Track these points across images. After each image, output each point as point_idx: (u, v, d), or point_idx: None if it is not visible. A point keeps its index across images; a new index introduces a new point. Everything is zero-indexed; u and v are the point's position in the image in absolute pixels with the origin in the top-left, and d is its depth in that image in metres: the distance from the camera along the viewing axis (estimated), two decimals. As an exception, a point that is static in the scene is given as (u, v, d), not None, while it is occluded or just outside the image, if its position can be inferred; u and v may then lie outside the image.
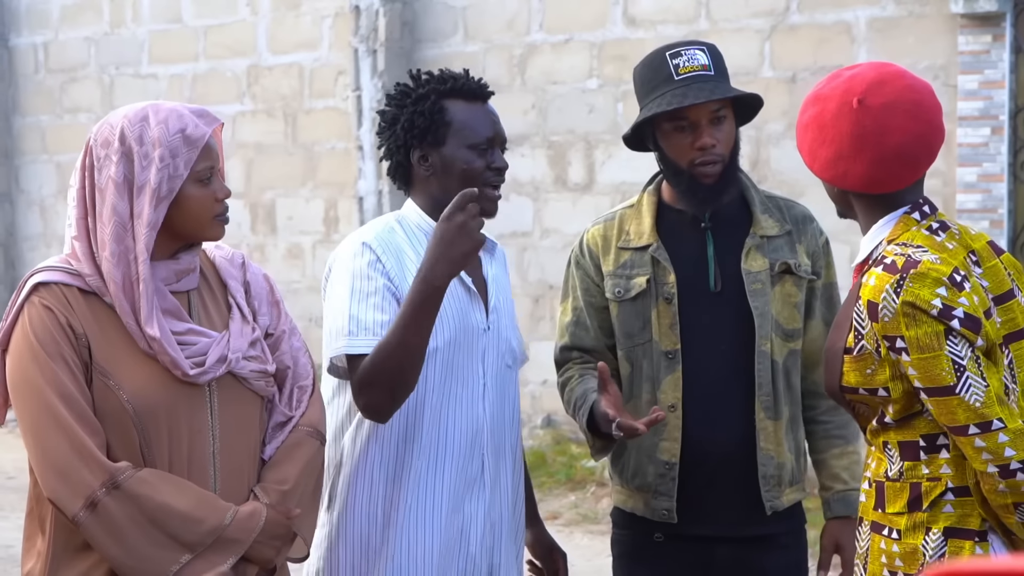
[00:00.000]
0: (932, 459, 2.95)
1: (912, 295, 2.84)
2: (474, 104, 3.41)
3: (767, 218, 3.65)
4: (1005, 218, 8.44)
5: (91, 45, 12.28)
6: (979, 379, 2.84)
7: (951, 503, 2.93)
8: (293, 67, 11.21)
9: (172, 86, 11.83)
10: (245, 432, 3.03)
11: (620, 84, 9.62)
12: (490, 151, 3.38)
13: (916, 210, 2.98)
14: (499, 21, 10.21)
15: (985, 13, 8.29)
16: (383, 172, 10.56)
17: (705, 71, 3.52)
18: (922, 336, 2.85)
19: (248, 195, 11.56)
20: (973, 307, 2.86)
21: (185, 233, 2.96)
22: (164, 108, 2.93)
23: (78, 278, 2.90)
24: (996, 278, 2.99)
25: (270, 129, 11.38)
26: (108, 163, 2.89)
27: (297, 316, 12.08)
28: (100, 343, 2.87)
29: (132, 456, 2.86)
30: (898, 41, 8.65)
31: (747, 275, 3.60)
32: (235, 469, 2.98)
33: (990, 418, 2.83)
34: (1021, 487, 2.84)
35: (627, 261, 3.65)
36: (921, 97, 2.97)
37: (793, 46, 9.00)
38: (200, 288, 3.05)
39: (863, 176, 2.94)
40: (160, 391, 2.89)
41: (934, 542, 2.94)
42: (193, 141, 2.90)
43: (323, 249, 11.20)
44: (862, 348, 2.95)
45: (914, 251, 2.90)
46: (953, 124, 8.49)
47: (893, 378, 2.92)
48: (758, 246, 3.62)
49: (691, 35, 9.35)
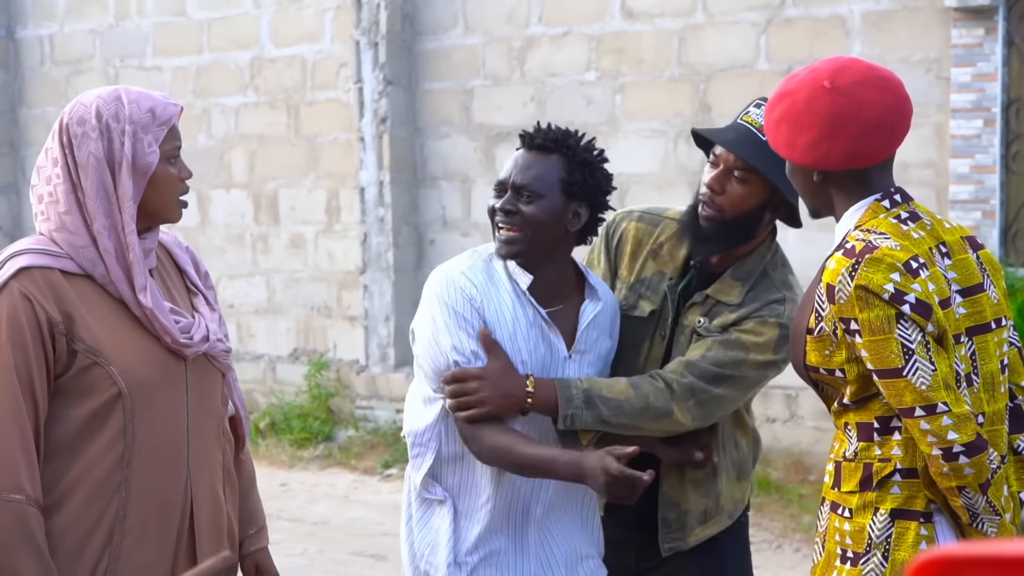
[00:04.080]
0: (885, 440, 3.01)
1: (866, 279, 2.91)
2: (521, 151, 3.49)
3: (735, 286, 3.60)
4: (997, 209, 8.44)
5: (96, 37, 12.26)
6: (927, 363, 2.90)
7: (899, 484, 3.01)
8: (296, 59, 11.20)
9: (176, 78, 11.83)
10: (213, 408, 3.16)
11: (617, 76, 9.62)
12: (503, 193, 3.46)
13: (887, 198, 3.04)
14: (499, 14, 10.20)
15: (978, 7, 8.29)
16: (384, 163, 10.57)
17: (760, 133, 3.48)
18: (874, 319, 2.91)
19: (251, 185, 11.56)
20: (926, 294, 2.91)
21: (151, 211, 3.04)
22: (133, 90, 3.04)
23: (60, 259, 2.95)
24: (965, 271, 3.05)
25: (273, 120, 11.38)
26: (87, 140, 2.98)
27: (299, 305, 12.13)
28: (87, 322, 2.93)
29: (113, 435, 2.91)
30: (892, 34, 8.65)
31: (679, 327, 3.64)
32: (205, 445, 3.10)
33: (935, 401, 2.89)
34: (963, 470, 2.90)
35: (646, 280, 3.69)
36: (884, 73, 3.07)
37: (788, 39, 9.00)
38: (159, 268, 3.15)
39: (846, 152, 3.00)
40: (149, 364, 2.98)
41: (880, 522, 3.01)
42: (163, 121, 3.01)
43: (325, 239, 11.21)
44: (821, 329, 3.02)
45: (875, 237, 2.96)
46: (946, 116, 8.50)
47: (849, 360, 2.98)
48: (701, 304, 3.62)
49: (688, 29, 9.36)
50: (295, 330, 11.47)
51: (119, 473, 2.94)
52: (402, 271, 10.68)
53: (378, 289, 10.70)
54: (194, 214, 11.81)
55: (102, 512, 2.93)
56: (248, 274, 11.47)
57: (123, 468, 2.94)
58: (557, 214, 3.41)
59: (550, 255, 3.47)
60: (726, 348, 3.51)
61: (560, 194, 3.41)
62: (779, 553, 7.87)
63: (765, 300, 3.57)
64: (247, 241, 11.67)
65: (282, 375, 11.42)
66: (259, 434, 10.95)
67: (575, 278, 3.58)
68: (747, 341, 3.51)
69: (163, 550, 3.01)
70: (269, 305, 11.48)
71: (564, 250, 3.51)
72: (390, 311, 10.68)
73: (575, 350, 3.49)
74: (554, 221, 3.42)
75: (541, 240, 3.43)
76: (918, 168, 8.50)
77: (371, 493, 9.56)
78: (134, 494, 2.95)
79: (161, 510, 3.00)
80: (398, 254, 10.62)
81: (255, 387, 11.34)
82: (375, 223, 10.67)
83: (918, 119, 8.34)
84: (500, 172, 3.48)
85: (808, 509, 8.31)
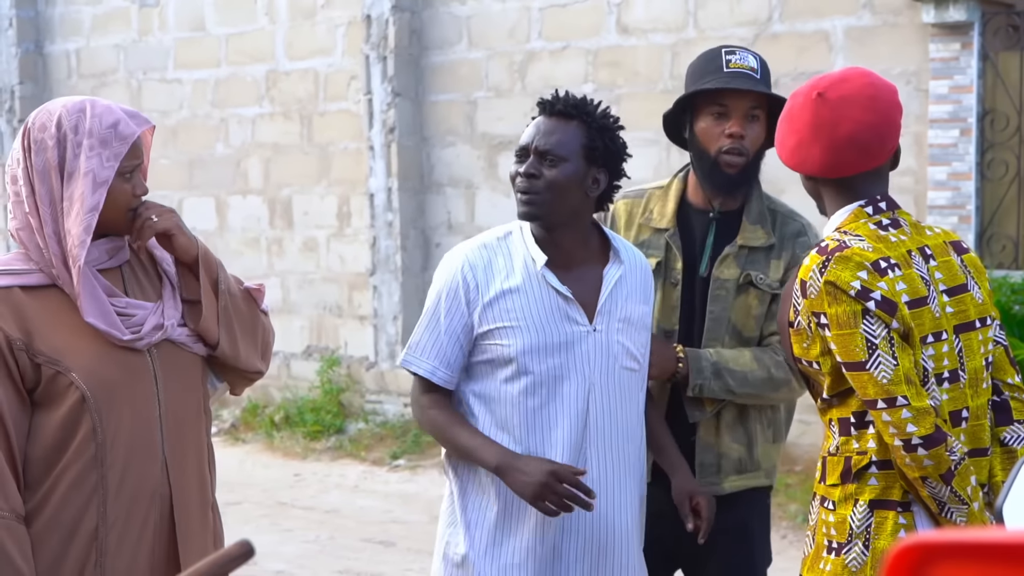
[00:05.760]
0: (861, 434, 3.01)
1: (834, 275, 2.91)
2: (541, 118, 3.39)
3: (756, 229, 3.67)
4: (973, 214, 8.44)
5: (120, 52, 12.26)
6: (889, 358, 2.90)
7: (875, 475, 3.00)
8: (309, 72, 11.19)
9: (196, 90, 11.82)
10: (189, 392, 3.06)
11: (613, 88, 9.61)
12: (525, 159, 3.35)
13: (871, 204, 3.03)
14: (501, 30, 10.20)
15: (955, 23, 8.28)
16: (392, 170, 10.58)
17: (753, 72, 3.59)
18: (840, 314, 2.91)
19: (267, 192, 11.55)
20: (892, 292, 2.92)
21: (102, 221, 2.92)
22: (100, 104, 2.95)
23: (22, 276, 2.90)
24: (950, 272, 3.05)
25: (287, 130, 11.37)
26: (44, 147, 2.89)
27: (312, 305, 12.16)
28: (46, 334, 2.88)
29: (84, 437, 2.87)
30: (873, 49, 8.64)
31: (714, 281, 3.65)
32: (181, 429, 3.02)
33: (895, 395, 2.89)
34: (922, 462, 2.90)
35: (645, 240, 3.70)
36: (878, 93, 3.02)
37: (775, 53, 8.99)
38: (131, 261, 3.06)
39: (820, 162, 2.99)
40: (107, 364, 2.90)
41: (860, 513, 3.01)
42: (124, 137, 2.90)
43: (336, 242, 11.20)
44: (799, 323, 3.03)
45: (850, 238, 2.98)
46: (924, 126, 8.49)
47: (823, 353, 2.99)
48: (735, 255, 3.66)
49: (679, 43, 9.35)
50: (308, 329, 11.46)
51: (95, 472, 2.88)
52: (409, 273, 10.68)
53: (387, 290, 10.69)
54: (212, 219, 11.80)
55: (83, 512, 2.88)
56: (264, 276, 11.46)
57: (98, 467, 2.88)
58: (579, 179, 3.32)
59: (570, 220, 3.36)
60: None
61: (582, 159, 3.32)
62: (766, 540, 7.87)
63: (791, 234, 3.68)
64: (263, 244, 11.66)
65: (296, 371, 11.42)
66: (274, 427, 10.94)
67: (599, 243, 3.46)
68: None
69: (143, 537, 2.96)
70: (284, 305, 11.47)
71: (584, 216, 3.39)
72: (398, 310, 10.68)
73: (599, 314, 3.37)
74: (575, 186, 3.32)
75: (562, 204, 3.33)
76: (897, 175, 8.42)
77: (380, 483, 9.55)
78: (111, 490, 2.90)
79: (137, 500, 2.94)
80: (406, 257, 10.62)
81: (270, 382, 11.33)
82: (384, 227, 10.66)
83: (898, 129, 8.35)
84: (522, 138, 3.37)
85: (794, 498, 8.30)
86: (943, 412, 2.99)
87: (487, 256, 3.38)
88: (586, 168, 3.33)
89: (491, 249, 3.40)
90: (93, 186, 2.87)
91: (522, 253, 3.38)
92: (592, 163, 3.34)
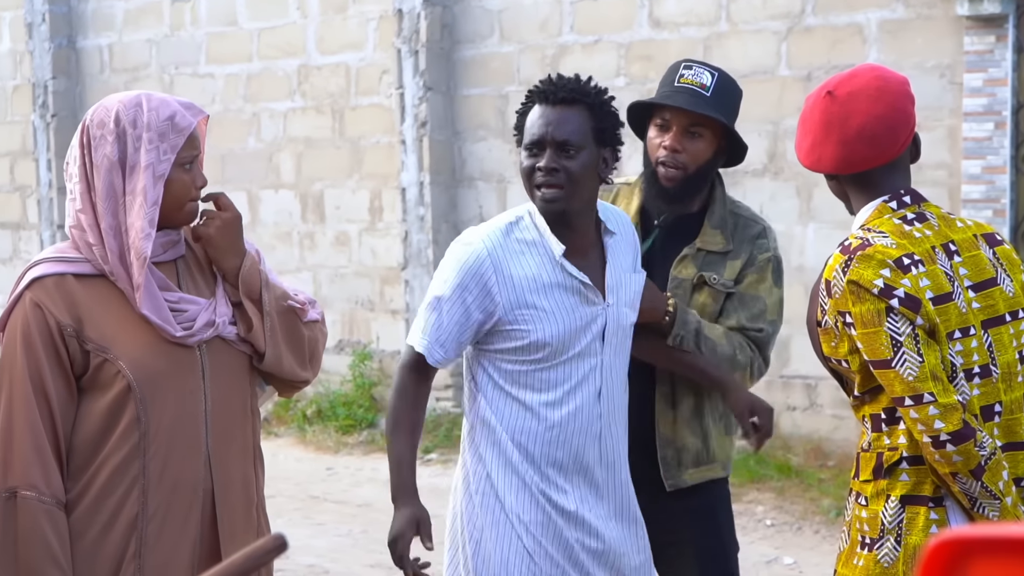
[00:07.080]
0: (892, 430, 3.02)
1: (857, 274, 2.93)
2: (542, 107, 3.38)
3: (716, 234, 3.72)
4: (1007, 208, 8.39)
5: (152, 46, 12.31)
6: (915, 355, 2.90)
7: (906, 471, 3.00)
8: (340, 67, 11.21)
9: (228, 84, 11.86)
10: (236, 390, 3.09)
11: (646, 82, 9.60)
12: (541, 153, 3.36)
13: (895, 199, 3.03)
14: (533, 23, 10.20)
15: (989, 15, 8.24)
16: (424, 164, 10.59)
17: (702, 90, 3.61)
18: (865, 312, 2.92)
19: (299, 186, 11.59)
20: (916, 289, 2.91)
21: (161, 213, 2.96)
22: (156, 97, 2.98)
23: (74, 264, 2.95)
24: (976, 267, 3.03)
25: (319, 124, 11.39)
26: (104, 143, 2.93)
27: (344, 299, 12.16)
28: (96, 322, 2.92)
29: (127, 426, 2.91)
30: (907, 42, 8.61)
31: (672, 280, 3.69)
32: (226, 426, 3.05)
33: (922, 391, 2.90)
34: (951, 458, 2.90)
35: None
36: (886, 85, 3.04)
37: (808, 46, 8.97)
38: (186, 256, 3.10)
39: (833, 158, 3.03)
40: (155, 356, 2.94)
41: (892, 509, 3.01)
42: (180, 129, 2.94)
43: (368, 236, 11.23)
44: (826, 322, 3.05)
45: (874, 236, 2.98)
46: (959, 119, 8.45)
47: (851, 351, 3.00)
48: (693, 256, 3.71)
49: (712, 37, 9.33)
50: (340, 323, 11.49)
51: (137, 462, 2.92)
52: (441, 267, 10.68)
53: (418, 284, 10.71)
54: (245, 213, 11.83)
55: (123, 501, 2.92)
56: (296, 270, 11.50)
57: (140, 456, 2.92)
58: (594, 164, 3.36)
59: (587, 206, 3.41)
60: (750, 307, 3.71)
61: (594, 144, 3.35)
62: (799, 535, 7.85)
63: (749, 237, 3.73)
64: (295, 238, 11.69)
65: (328, 365, 11.43)
66: (306, 421, 10.97)
67: (596, 218, 3.50)
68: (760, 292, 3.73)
69: (185, 531, 2.99)
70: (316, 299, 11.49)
71: (596, 197, 3.45)
72: (430, 305, 10.67)
73: (609, 290, 3.44)
74: (592, 172, 3.36)
75: (583, 193, 3.36)
76: (931, 169, 8.45)
77: (412, 477, 9.56)
78: (152, 481, 2.93)
79: (178, 492, 2.97)
80: (437, 251, 10.63)
81: (302, 376, 11.36)
82: (416, 221, 10.68)
83: (931, 122, 8.31)
84: (531, 131, 3.36)
85: (827, 493, 8.28)
86: (974, 407, 2.97)
87: (506, 243, 3.41)
88: (598, 152, 3.37)
89: (508, 235, 3.42)
90: (154, 179, 2.91)
91: (536, 239, 3.41)
92: (602, 145, 3.38)
